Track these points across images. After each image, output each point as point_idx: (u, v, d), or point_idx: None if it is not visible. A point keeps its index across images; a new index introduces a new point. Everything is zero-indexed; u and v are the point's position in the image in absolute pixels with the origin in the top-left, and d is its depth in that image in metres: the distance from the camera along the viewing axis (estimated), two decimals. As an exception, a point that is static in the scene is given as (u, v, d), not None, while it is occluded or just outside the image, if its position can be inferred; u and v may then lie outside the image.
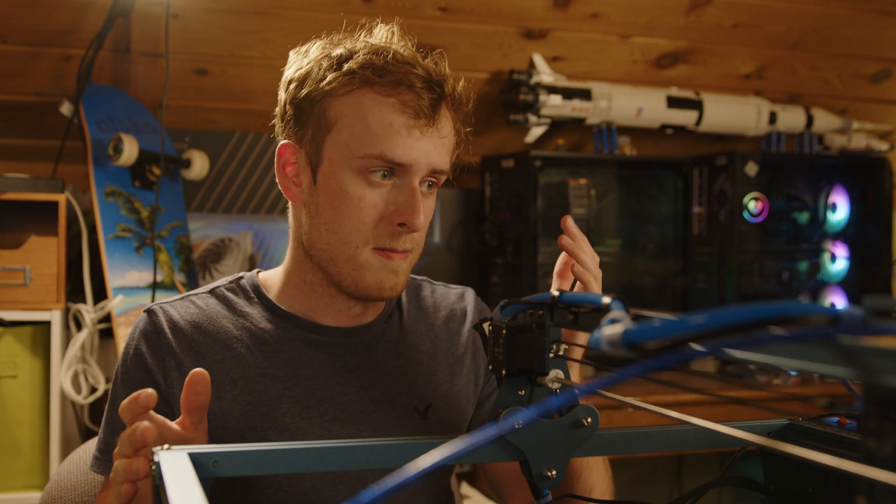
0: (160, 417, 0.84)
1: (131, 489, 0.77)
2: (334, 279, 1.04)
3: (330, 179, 1.01)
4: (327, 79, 1.01)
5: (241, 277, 1.13)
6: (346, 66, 1.00)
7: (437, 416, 1.10)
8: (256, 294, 1.10)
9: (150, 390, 0.80)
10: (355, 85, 1.00)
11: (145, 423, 0.77)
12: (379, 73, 1.00)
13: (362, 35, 1.06)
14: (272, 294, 1.10)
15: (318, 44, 1.06)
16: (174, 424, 0.85)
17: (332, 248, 1.02)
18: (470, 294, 1.22)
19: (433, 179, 1.04)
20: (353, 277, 1.02)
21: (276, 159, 1.07)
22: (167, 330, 1.05)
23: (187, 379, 0.84)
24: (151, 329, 1.05)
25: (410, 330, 1.13)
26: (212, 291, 1.11)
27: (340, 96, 1.00)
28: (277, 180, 1.07)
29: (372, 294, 1.03)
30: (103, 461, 1.04)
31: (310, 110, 1.02)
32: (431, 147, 1.01)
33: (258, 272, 1.14)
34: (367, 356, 1.09)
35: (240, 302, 1.09)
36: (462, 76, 1.07)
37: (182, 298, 1.09)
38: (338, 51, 1.03)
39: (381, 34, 1.06)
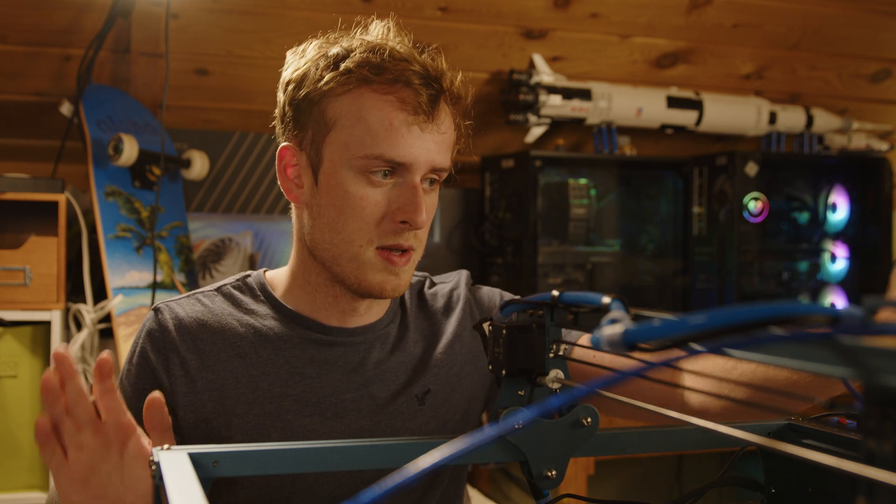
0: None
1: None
2: (338, 277, 1.04)
3: (331, 180, 1.01)
4: (325, 79, 1.00)
5: (249, 276, 1.13)
6: (342, 66, 1.00)
7: (436, 399, 1.11)
8: (263, 292, 1.11)
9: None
10: (353, 84, 0.99)
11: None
12: (376, 71, 0.99)
13: (358, 33, 1.06)
14: (278, 293, 1.11)
15: (314, 43, 1.05)
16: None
17: (335, 248, 1.03)
18: (463, 276, 1.23)
19: (435, 177, 1.04)
20: (356, 276, 1.03)
21: (276, 162, 1.07)
22: (172, 328, 1.05)
23: (146, 403, 0.88)
24: (157, 327, 1.06)
25: (413, 327, 1.14)
26: (219, 289, 1.11)
27: (338, 96, 1.00)
28: (279, 182, 1.08)
29: (374, 292, 1.04)
30: None
31: (308, 111, 1.02)
32: (431, 144, 1.01)
33: (265, 271, 1.14)
34: (369, 355, 1.09)
35: (246, 300, 1.10)
36: (460, 71, 1.07)
37: (189, 296, 1.10)
38: (334, 50, 1.02)
39: (378, 31, 1.05)
